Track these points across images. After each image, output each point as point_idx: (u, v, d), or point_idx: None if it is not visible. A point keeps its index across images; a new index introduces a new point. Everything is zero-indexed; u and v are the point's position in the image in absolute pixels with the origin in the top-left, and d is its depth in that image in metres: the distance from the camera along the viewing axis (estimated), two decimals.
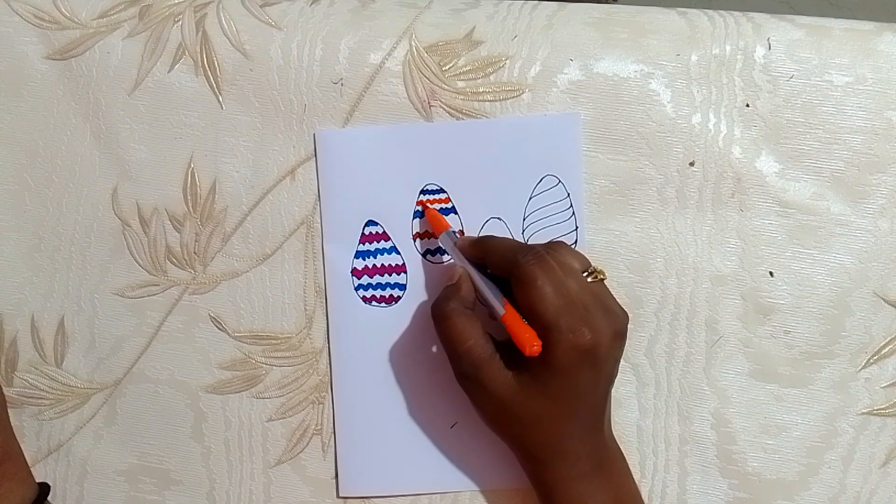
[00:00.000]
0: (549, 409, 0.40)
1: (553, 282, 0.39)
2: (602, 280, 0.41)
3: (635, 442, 0.48)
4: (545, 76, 0.46)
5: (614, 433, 0.44)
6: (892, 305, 0.47)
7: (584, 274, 0.41)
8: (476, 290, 0.43)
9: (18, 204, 0.48)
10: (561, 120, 0.46)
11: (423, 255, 0.47)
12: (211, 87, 0.47)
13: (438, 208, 0.47)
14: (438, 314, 0.42)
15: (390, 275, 0.47)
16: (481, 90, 0.46)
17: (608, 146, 0.46)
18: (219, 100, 0.47)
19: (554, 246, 0.42)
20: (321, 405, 0.48)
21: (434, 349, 0.47)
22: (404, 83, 0.46)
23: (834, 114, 0.46)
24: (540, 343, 0.38)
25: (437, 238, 0.46)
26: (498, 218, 0.47)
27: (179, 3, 0.47)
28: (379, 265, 0.47)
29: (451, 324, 0.41)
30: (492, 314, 0.42)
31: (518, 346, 0.39)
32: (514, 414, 0.41)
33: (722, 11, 0.47)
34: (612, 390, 0.42)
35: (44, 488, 0.45)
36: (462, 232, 0.47)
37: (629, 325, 0.41)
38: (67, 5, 0.47)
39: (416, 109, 0.46)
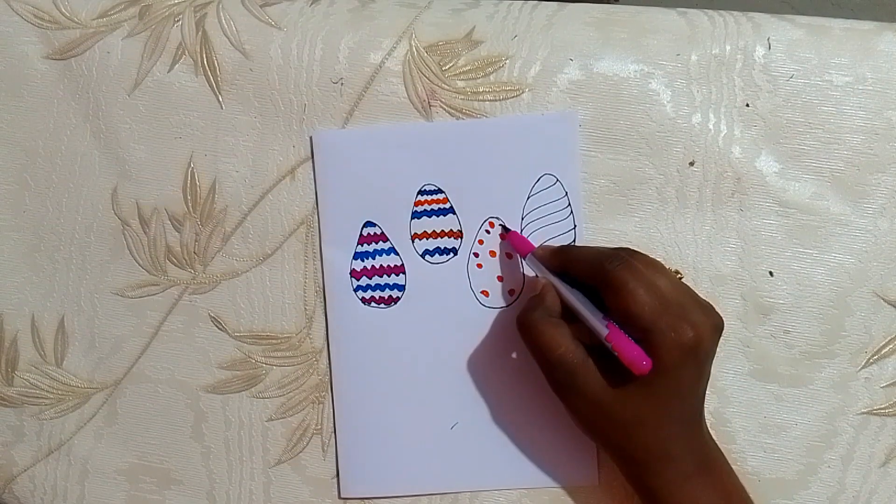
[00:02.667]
0: (651, 410, 0.39)
1: (644, 283, 0.38)
2: (682, 279, 0.41)
3: None
4: (545, 76, 0.46)
5: None
6: (891, 305, 0.47)
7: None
8: (568, 305, 0.42)
9: (18, 204, 0.48)
10: (558, 119, 0.46)
11: (422, 256, 0.47)
12: (211, 86, 0.47)
13: (436, 208, 0.47)
14: (524, 324, 0.41)
15: (389, 276, 0.47)
16: (481, 90, 0.46)
17: (608, 146, 0.46)
18: (219, 100, 0.47)
19: (633, 250, 0.41)
20: (321, 405, 0.48)
21: (434, 351, 0.47)
22: (404, 83, 0.46)
23: (834, 113, 0.46)
24: (650, 361, 0.37)
25: (523, 259, 0.45)
26: (496, 217, 0.47)
27: (179, 2, 0.47)
28: (377, 266, 0.47)
29: (539, 332, 0.40)
30: (590, 333, 0.40)
31: (626, 365, 0.37)
32: (614, 418, 0.40)
33: (722, 11, 0.47)
34: None
35: None
36: (460, 233, 0.47)
37: None
38: (67, 5, 0.47)
39: (416, 109, 0.46)
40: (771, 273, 0.46)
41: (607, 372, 0.40)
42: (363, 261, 0.47)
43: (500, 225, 0.46)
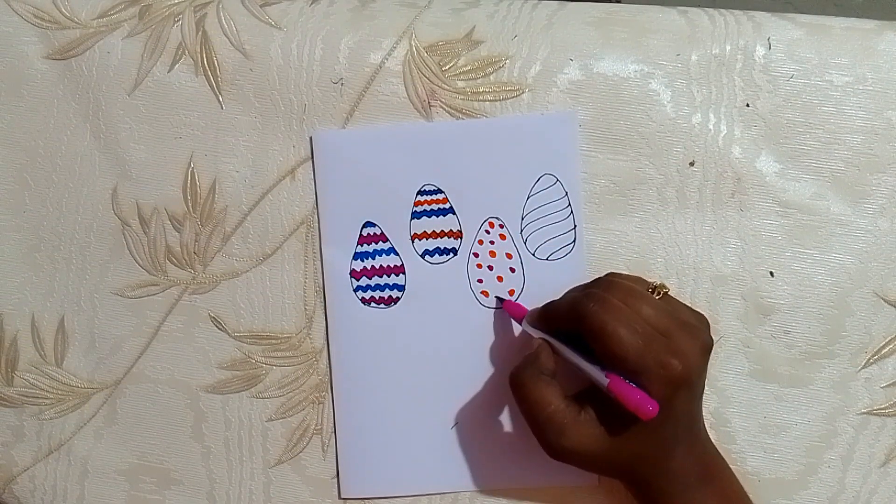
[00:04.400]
0: (650, 443, 0.39)
1: (623, 322, 0.37)
2: (667, 293, 0.40)
3: None
4: (545, 76, 0.46)
5: None
6: (892, 305, 0.47)
7: (650, 291, 0.40)
8: (566, 361, 0.41)
9: (18, 204, 0.48)
10: (557, 119, 0.46)
11: (422, 256, 0.47)
12: (211, 86, 0.47)
13: (436, 209, 0.47)
14: (515, 382, 0.41)
15: (389, 276, 0.47)
16: (481, 90, 0.46)
17: (608, 146, 0.46)
18: (219, 100, 0.47)
19: (609, 280, 0.41)
20: (321, 405, 0.48)
21: (434, 351, 0.47)
22: (404, 83, 0.46)
23: (834, 114, 0.46)
24: (656, 404, 0.37)
25: (520, 325, 0.45)
26: (496, 218, 0.47)
27: (179, 2, 0.47)
28: (377, 266, 0.47)
29: (527, 391, 0.40)
30: (591, 383, 0.40)
31: (633, 412, 0.37)
32: (614, 459, 0.40)
33: (722, 10, 0.47)
34: None
35: None
36: (460, 233, 0.47)
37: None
38: (67, 5, 0.47)
39: (416, 109, 0.46)
40: (771, 273, 0.46)
41: (605, 415, 0.39)
42: (363, 261, 0.47)
43: (495, 297, 0.47)
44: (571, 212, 0.46)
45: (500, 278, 0.47)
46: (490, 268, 0.47)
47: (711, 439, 0.43)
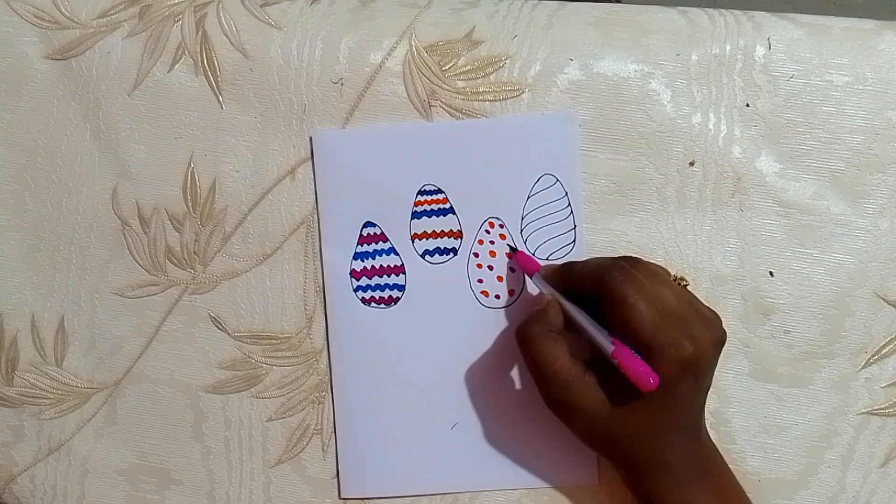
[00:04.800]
0: (650, 423, 0.39)
1: (645, 296, 0.38)
2: (687, 286, 0.40)
3: None
4: (545, 76, 0.46)
5: None
6: (892, 305, 0.47)
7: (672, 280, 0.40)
8: (573, 321, 0.41)
9: (18, 204, 0.48)
10: (557, 119, 0.46)
11: (422, 256, 0.47)
12: (211, 86, 0.47)
13: (436, 209, 0.47)
14: (523, 337, 0.41)
15: (389, 276, 0.47)
16: (481, 90, 0.46)
17: (608, 146, 0.46)
18: (219, 100, 0.47)
19: (636, 259, 0.41)
20: (321, 405, 0.48)
21: (434, 351, 0.47)
22: (404, 83, 0.46)
23: (834, 113, 0.46)
24: (657, 377, 0.37)
25: (530, 278, 0.45)
26: (496, 217, 0.47)
27: (179, 2, 0.47)
28: (377, 266, 0.47)
29: (535, 346, 0.40)
30: (593, 347, 0.40)
31: (633, 383, 0.37)
32: (612, 431, 0.40)
33: (723, 10, 0.47)
34: None
35: None
36: (460, 233, 0.47)
37: None
38: (67, 5, 0.47)
39: (416, 109, 0.46)
40: (771, 273, 0.46)
41: (607, 385, 0.40)
42: (363, 261, 0.47)
43: (507, 245, 0.46)
44: (571, 212, 0.46)
45: (500, 278, 0.47)
46: (490, 268, 0.47)
47: (712, 439, 0.43)
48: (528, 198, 0.46)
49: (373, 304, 0.47)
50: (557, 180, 0.46)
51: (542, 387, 0.41)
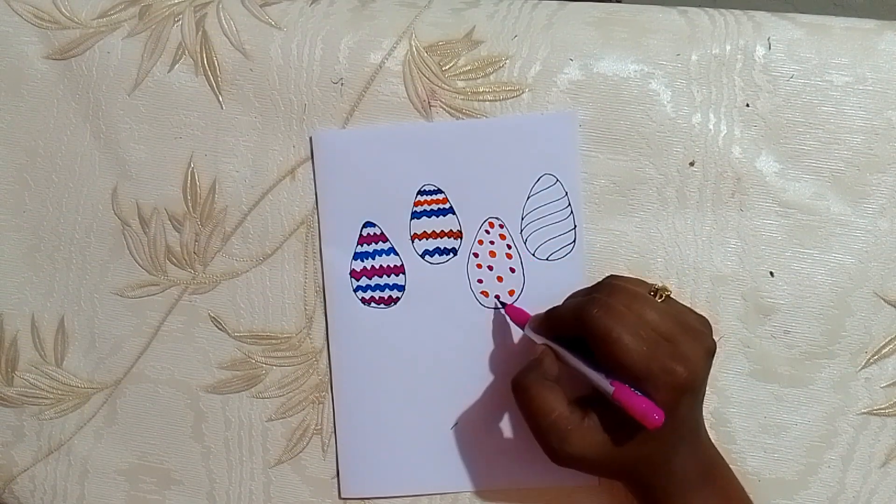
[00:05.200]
0: (653, 447, 0.39)
1: (628, 327, 0.37)
2: (669, 296, 0.40)
3: None
4: (545, 76, 0.46)
5: None
6: (892, 305, 0.47)
7: (652, 294, 0.39)
8: (569, 367, 0.41)
9: (18, 204, 0.48)
10: (557, 119, 0.46)
11: (422, 256, 0.47)
12: (211, 86, 0.47)
13: (436, 209, 0.47)
14: (519, 387, 0.40)
15: (389, 276, 0.47)
16: (481, 90, 0.46)
17: (608, 146, 0.46)
18: (219, 100, 0.47)
19: (611, 284, 0.40)
20: (321, 405, 0.48)
21: (434, 351, 0.47)
22: (404, 83, 0.46)
23: (834, 113, 0.46)
24: (661, 412, 0.36)
25: (522, 330, 0.45)
26: (496, 218, 0.47)
27: (179, 2, 0.47)
28: (377, 266, 0.47)
29: (531, 397, 0.40)
30: (596, 391, 0.40)
31: (639, 420, 0.36)
32: (618, 464, 0.40)
33: (723, 10, 0.47)
34: None
35: None
36: (460, 233, 0.47)
37: None
38: (67, 5, 0.47)
39: (416, 109, 0.46)
40: (771, 273, 0.46)
41: (609, 420, 0.39)
42: (363, 261, 0.47)
43: (496, 301, 0.47)
44: (571, 212, 0.46)
45: (500, 278, 0.47)
46: (490, 268, 0.47)
47: (711, 440, 0.43)
48: (528, 198, 0.46)
49: (373, 304, 0.47)
50: (557, 180, 0.46)
51: (540, 439, 0.40)
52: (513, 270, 0.47)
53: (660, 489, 0.41)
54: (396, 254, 0.47)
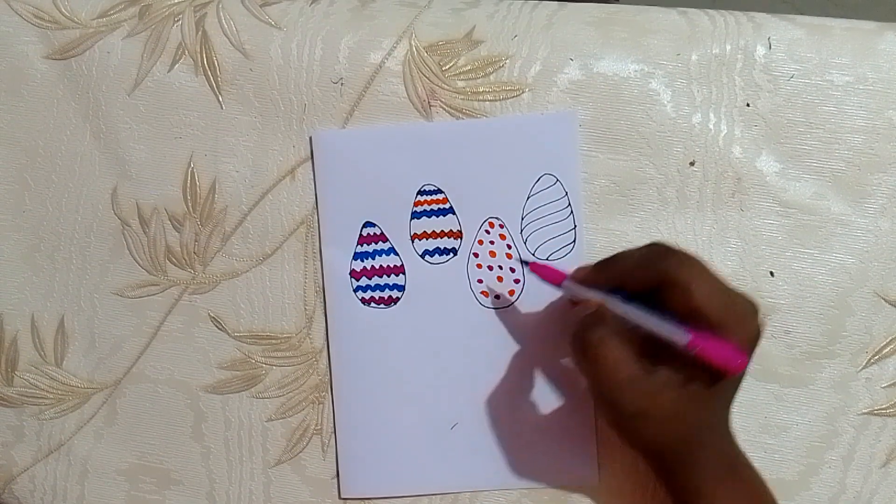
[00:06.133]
0: (711, 409, 0.38)
1: (708, 279, 0.37)
2: None
3: None
4: (545, 76, 0.46)
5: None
6: (892, 305, 0.46)
7: None
8: (628, 321, 0.38)
9: (18, 204, 0.48)
10: (557, 118, 0.46)
11: (422, 256, 0.47)
12: (211, 86, 0.47)
13: (436, 209, 0.47)
14: (586, 344, 0.38)
15: (389, 276, 0.47)
16: (481, 90, 0.46)
17: (608, 146, 0.46)
18: (219, 100, 0.47)
19: (670, 245, 0.39)
20: (321, 405, 0.48)
21: (434, 351, 0.47)
22: (404, 83, 0.46)
23: (834, 113, 0.46)
24: (744, 355, 0.36)
25: (557, 286, 0.43)
26: (496, 218, 0.46)
27: (179, 2, 0.47)
28: (377, 266, 0.47)
29: (602, 354, 0.38)
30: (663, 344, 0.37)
31: (719, 368, 0.36)
32: (674, 428, 0.38)
33: (722, 11, 0.47)
34: None
35: None
36: (460, 233, 0.47)
37: None
38: (67, 5, 0.47)
39: (416, 109, 0.46)
40: (772, 273, 0.46)
41: (674, 377, 0.37)
42: (363, 261, 0.47)
43: (518, 260, 0.46)
44: (571, 212, 0.46)
45: (500, 278, 0.47)
46: (490, 268, 0.47)
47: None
48: (528, 198, 0.46)
49: (372, 304, 0.47)
50: (557, 180, 0.46)
51: (609, 396, 0.38)
52: (513, 270, 0.47)
53: (690, 471, 0.39)
54: (396, 254, 0.47)
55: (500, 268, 0.47)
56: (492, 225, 0.47)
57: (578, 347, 0.39)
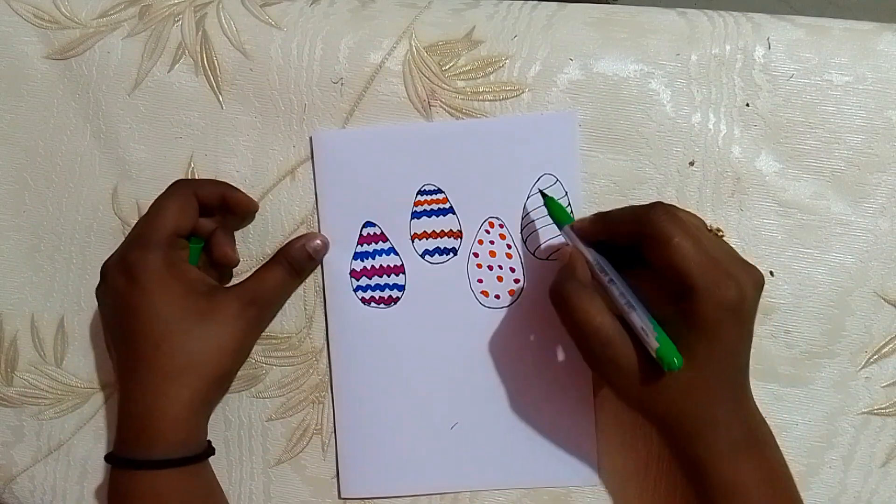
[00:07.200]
0: (696, 375, 0.38)
1: (690, 237, 0.37)
2: (723, 237, 0.40)
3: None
4: (545, 76, 0.46)
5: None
6: (892, 305, 0.47)
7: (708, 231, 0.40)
8: (598, 281, 0.41)
9: (18, 204, 0.48)
10: (557, 118, 0.46)
11: (422, 256, 0.47)
12: (211, 86, 0.47)
13: (436, 209, 0.47)
14: (559, 295, 0.40)
15: (389, 276, 0.47)
16: (481, 90, 0.46)
17: (608, 146, 0.46)
18: (219, 100, 0.47)
19: (669, 205, 0.40)
20: (321, 405, 0.48)
21: (434, 351, 0.47)
22: (404, 83, 0.46)
23: (834, 113, 0.46)
24: (681, 356, 0.36)
25: (559, 226, 0.44)
26: (496, 217, 0.46)
27: (179, 2, 0.47)
28: (377, 266, 0.47)
29: (573, 304, 0.39)
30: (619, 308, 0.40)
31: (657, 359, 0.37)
32: (657, 387, 0.38)
33: (721, 11, 0.47)
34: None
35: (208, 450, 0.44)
36: (460, 233, 0.47)
37: None
38: (67, 5, 0.47)
39: (416, 109, 0.46)
40: (771, 273, 0.46)
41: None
42: (363, 261, 0.47)
43: (538, 189, 0.46)
44: (571, 211, 0.46)
45: (500, 278, 0.47)
46: (490, 268, 0.47)
47: (758, 408, 0.41)
48: (528, 197, 0.46)
49: (373, 304, 0.47)
50: (557, 180, 0.46)
51: (582, 344, 0.39)
52: (513, 270, 0.47)
53: (703, 445, 0.39)
54: (396, 254, 0.47)
55: (500, 268, 0.47)
56: (492, 225, 0.47)
57: (553, 299, 0.40)
